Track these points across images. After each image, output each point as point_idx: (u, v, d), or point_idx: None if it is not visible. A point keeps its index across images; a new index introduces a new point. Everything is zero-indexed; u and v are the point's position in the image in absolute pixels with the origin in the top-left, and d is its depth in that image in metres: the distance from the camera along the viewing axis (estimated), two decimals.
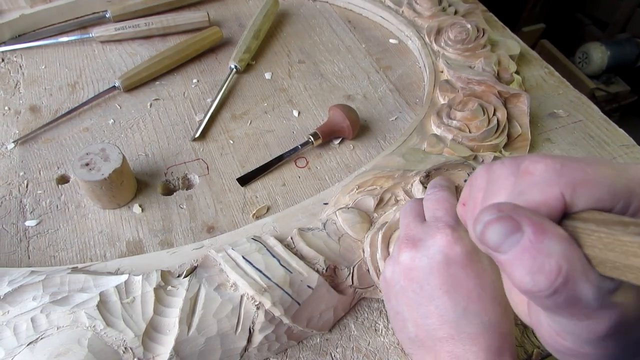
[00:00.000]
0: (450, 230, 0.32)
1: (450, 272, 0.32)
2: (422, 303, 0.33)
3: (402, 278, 0.34)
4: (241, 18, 0.78)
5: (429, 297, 0.32)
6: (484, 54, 0.64)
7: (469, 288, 0.32)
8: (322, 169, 0.57)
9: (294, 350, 0.43)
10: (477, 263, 0.32)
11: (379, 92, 0.66)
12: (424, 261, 0.33)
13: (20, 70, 0.68)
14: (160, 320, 0.38)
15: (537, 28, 1.86)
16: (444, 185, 0.38)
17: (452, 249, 0.32)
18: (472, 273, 0.32)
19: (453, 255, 0.32)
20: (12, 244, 0.49)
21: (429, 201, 0.36)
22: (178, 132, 0.60)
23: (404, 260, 0.34)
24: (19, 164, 0.56)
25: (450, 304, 0.32)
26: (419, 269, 0.33)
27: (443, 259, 0.32)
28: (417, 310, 0.33)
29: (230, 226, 0.51)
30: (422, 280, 0.33)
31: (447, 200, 0.35)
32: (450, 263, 0.32)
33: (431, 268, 0.32)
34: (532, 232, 0.20)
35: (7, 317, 0.37)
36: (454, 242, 0.32)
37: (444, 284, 0.32)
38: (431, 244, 0.33)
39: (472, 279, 0.32)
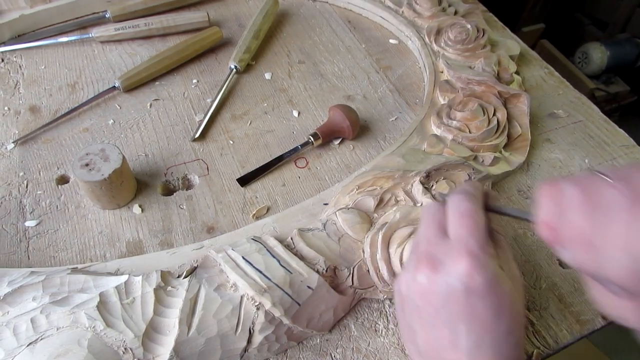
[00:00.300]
0: (472, 258, 0.31)
1: (468, 301, 0.31)
2: (436, 326, 0.32)
3: (417, 297, 0.33)
4: (241, 18, 0.78)
5: (443, 322, 0.32)
6: (483, 54, 0.64)
7: (485, 319, 0.31)
8: (322, 169, 0.57)
9: (294, 351, 0.43)
10: (497, 292, 0.31)
11: (379, 93, 0.66)
12: (442, 287, 0.31)
13: (20, 71, 0.68)
14: (160, 321, 0.38)
15: (536, 28, 1.86)
16: (470, 192, 0.35)
17: (473, 279, 0.31)
18: (490, 304, 0.31)
19: (473, 286, 0.31)
20: (12, 244, 0.49)
21: (453, 212, 0.35)
22: (178, 133, 0.60)
23: (422, 281, 0.33)
24: (18, 164, 0.56)
25: (464, 332, 0.31)
26: (437, 294, 0.32)
27: (463, 288, 0.31)
28: (429, 331, 0.33)
29: (230, 226, 0.51)
30: (439, 306, 0.32)
31: (472, 217, 0.33)
32: (469, 293, 0.31)
33: (449, 295, 0.31)
34: None
35: (7, 318, 0.37)
36: (475, 271, 0.31)
37: (461, 312, 0.31)
38: (452, 270, 0.31)
39: (490, 310, 0.31)
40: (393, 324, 0.44)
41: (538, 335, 0.44)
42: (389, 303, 0.45)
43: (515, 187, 0.55)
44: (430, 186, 0.48)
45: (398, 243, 0.43)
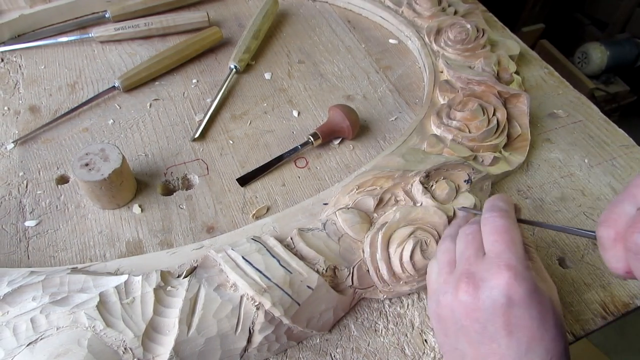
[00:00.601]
0: (512, 271, 0.32)
1: (513, 313, 0.32)
2: (484, 342, 0.33)
3: (463, 317, 0.34)
4: (241, 18, 0.78)
5: (491, 337, 0.32)
6: (483, 54, 0.64)
7: (532, 328, 0.31)
8: (321, 169, 0.57)
9: (293, 351, 0.43)
10: (540, 301, 0.32)
11: (379, 92, 0.66)
12: (487, 303, 0.32)
13: (19, 71, 0.68)
14: (160, 321, 0.38)
15: (536, 28, 1.86)
16: (503, 208, 0.36)
17: (515, 290, 0.31)
18: (535, 313, 0.31)
19: (516, 297, 0.31)
20: (12, 244, 0.49)
21: (488, 229, 0.35)
22: (178, 133, 0.60)
23: (465, 300, 0.33)
24: (18, 164, 0.56)
25: (513, 344, 0.32)
26: (482, 310, 0.32)
27: (506, 301, 0.32)
28: (478, 349, 0.33)
29: (230, 226, 0.51)
30: (485, 321, 0.32)
31: (507, 232, 0.34)
32: (513, 304, 0.32)
33: (494, 310, 0.32)
34: None
35: (7, 318, 0.37)
36: (517, 283, 0.31)
37: (507, 325, 0.32)
38: (494, 285, 0.32)
39: (535, 319, 0.31)
40: (393, 324, 0.44)
41: None
42: (388, 303, 0.45)
43: (515, 187, 0.55)
44: (430, 186, 0.48)
45: (398, 243, 0.43)
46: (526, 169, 0.57)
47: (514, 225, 0.35)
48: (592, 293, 0.46)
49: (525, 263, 0.33)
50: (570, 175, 0.56)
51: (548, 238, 0.50)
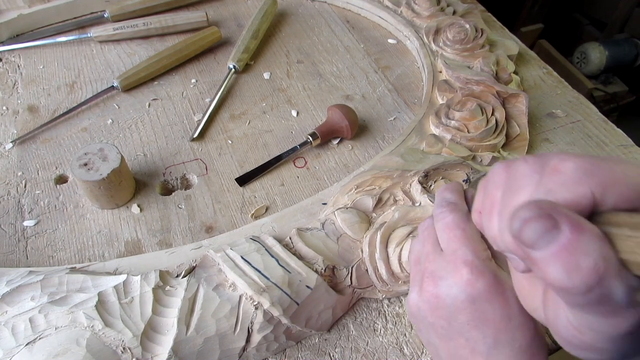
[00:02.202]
0: (469, 268, 0.32)
1: (475, 307, 0.32)
2: (452, 337, 0.33)
3: (428, 315, 0.34)
4: (240, 18, 0.78)
5: (457, 332, 0.33)
6: (482, 54, 0.64)
7: (496, 320, 0.31)
8: (320, 169, 0.57)
9: (292, 351, 0.43)
10: (501, 292, 0.32)
11: (378, 92, 0.66)
12: (448, 301, 0.32)
13: (18, 70, 0.68)
14: (158, 321, 0.38)
15: (535, 28, 1.87)
16: (451, 201, 0.36)
17: (474, 286, 0.32)
18: (497, 305, 0.31)
19: (476, 293, 0.32)
20: (10, 244, 0.49)
21: (440, 227, 0.35)
22: (177, 132, 0.60)
23: (428, 299, 0.34)
24: (17, 164, 0.56)
25: (479, 337, 0.32)
26: (445, 308, 0.33)
27: (467, 297, 0.32)
28: (447, 343, 0.34)
29: (229, 226, 0.51)
30: (449, 318, 0.33)
31: (458, 227, 0.34)
32: (474, 300, 0.32)
33: (456, 307, 0.32)
34: (570, 230, 0.20)
35: (6, 318, 0.37)
36: (475, 279, 0.32)
37: (471, 320, 0.32)
38: (453, 284, 0.32)
39: (498, 310, 0.31)
40: (392, 324, 0.44)
41: None
42: (387, 302, 0.45)
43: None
44: (429, 186, 0.48)
45: (397, 242, 0.43)
46: None
47: (464, 218, 0.34)
48: None
49: (483, 255, 0.33)
50: None
51: None
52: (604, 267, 0.20)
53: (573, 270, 0.20)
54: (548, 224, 0.21)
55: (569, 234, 0.20)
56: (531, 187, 0.24)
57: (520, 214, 0.22)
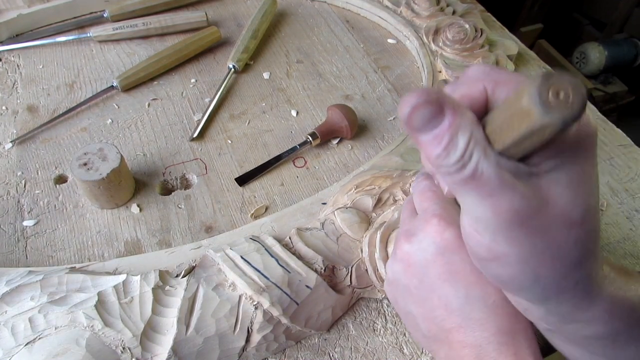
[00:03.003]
0: (437, 219, 0.32)
1: (445, 260, 0.31)
2: (426, 297, 0.33)
3: (402, 276, 0.34)
4: (239, 18, 0.78)
5: (430, 289, 0.32)
6: (482, 54, 0.64)
7: (466, 272, 0.31)
8: (320, 169, 0.57)
9: (292, 350, 0.43)
10: None
11: (377, 92, 0.66)
12: (419, 255, 0.32)
13: (17, 70, 0.68)
14: (158, 320, 0.38)
15: (535, 28, 1.87)
16: (426, 172, 0.37)
17: (442, 236, 0.31)
18: (466, 256, 0.30)
19: (444, 243, 0.31)
20: (10, 243, 0.49)
21: (415, 194, 0.36)
22: (176, 132, 0.60)
23: (402, 257, 0.34)
24: (16, 163, 0.56)
25: (451, 292, 0.31)
26: (416, 264, 0.33)
27: (436, 249, 0.32)
28: (422, 306, 0.33)
29: (228, 226, 0.51)
30: (421, 274, 0.33)
31: (429, 189, 0.35)
32: (443, 251, 0.31)
33: (426, 260, 0.32)
34: (451, 115, 0.23)
35: (5, 317, 0.37)
36: (442, 229, 0.31)
37: (442, 273, 0.31)
38: (423, 237, 0.32)
39: (467, 262, 0.31)
40: (391, 324, 0.44)
41: None
42: (387, 302, 0.46)
43: None
44: None
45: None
46: None
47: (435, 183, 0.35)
48: None
49: (453, 209, 0.33)
50: None
51: None
52: (473, 144, 0.22)
53: (450, 149, 0.23)
54: (433, 111, 0.23)
55: (450, 118, 0.23)
56: None
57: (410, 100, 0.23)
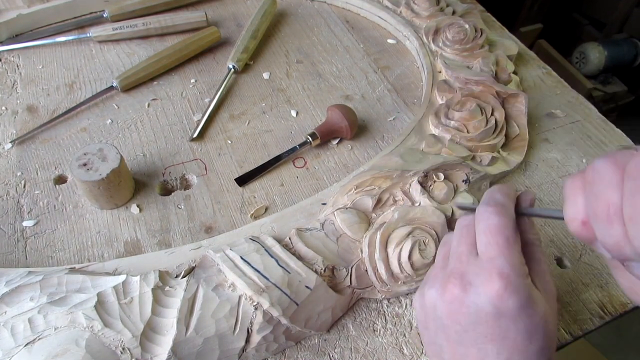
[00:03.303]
0: (503, 280, 0.29)
1: (499, 323, 0.30)
2: (464, 344, 0.32)
3: (445, 316, 0.32)
4: (239, 18, 0.78)
5: (472, 341, 0.31)
6: (482, 54, 0.64)
7: (516, 341, 0.30)
8: (320, 169, 0.57)
9: (292, 351, 0.43)
10: (529, 315, 0.30)
11: (377, 92, 0.66)
12: (471, 308, 0.30)
13: (17, 70, 0.68)
14: (158, 321, 0.38)
15: (534, 28, 1.87)
16: (500, 202, 0.33)
17: (504, 302, 0.29)
18: (522, 326, 0.30)
19: (504, 309, 0.29)
20: (10, 244, 0.49)
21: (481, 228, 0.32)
22: (176, 132, 0.60)
23: (450, 300, 0.32)
24: (16, 164, 0.56)
25: (493, 352, 0.30)
26: (466, 315, 0.31)
27: (493, 310, 0.30)
28: (456, 348, 0.32)
29: (228, 226, 0.51)
30: (467, 325, 0.31)
31: (500, 233, 0.31)
32: (500, 316, 0.30)
33: (479, 317, 0.30)
34: None
35: (5, 318, 0.37)
36: (507, 295, 0.29)
37: (490, 333, 0.30)
38: (482, 292, 0.30)
39: (521, 332, 0.30)
40: (391, 324, 0.44)
41: None
42: (387, 303, 0.46)
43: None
44: (429, 186, 0.48)
45: (396, 243, 0.43)
46: (524, 169, 0.57)
47: (510, 224, 0.32)
48: (590, 293, 0.47)
49: (521, 271, 0.30)
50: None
51: (546, 238, 0.50)
52: None
53: None
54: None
55: None
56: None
57: None
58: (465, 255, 0.33)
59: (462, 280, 0.31)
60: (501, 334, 0.30)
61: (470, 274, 0.31)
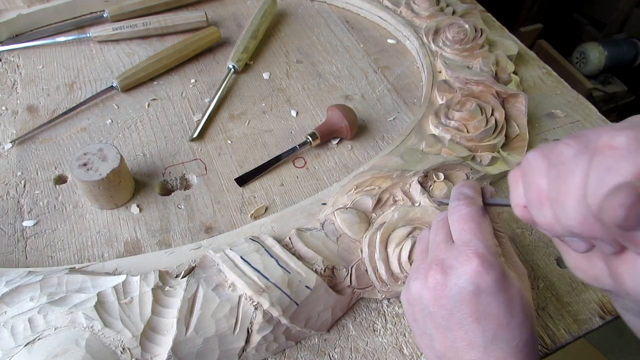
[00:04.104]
0: (480, 259, 0.32)
1: (480, 301, 0.32)
2: (451, 328, 0.33)
3: (431, 304, 0.34)
4: (239, 18, 0.78)
5: (458, 323, 0.33)
6: (482, 54, 0.64)
7: (499, 316, 0.32)
8: (320, 169, 0.57)
9: (292, 351, 0.43)
10: (507, 288, 0.32)
11: (377, 92, 0.66)
12: (454, 290, 0.33)
13: (17, 70, 0.68)
14: (158, 321, 0.38)
15: (534, 28, 1.87)
16: (468, 195, 0.36)
17: (482, 279, 0.32)
18: (502, 300, 0.32)
19: (484, 285, 0.32)
20: (10, 244, 0.49)
21: (454, 218, 0.35)
22: (176, 132, 0.60)
23: (433, 287, 0.34)
24: (16, 164, 0.56)
25: (479, 331, 0.32)
26: (449, 297, 0.33)
27: (474, 289, 0.32)
28: (445, 334, 0.34)
29: (228, 226, 0.51)
30: (452, 308, 0.33)
31: (472, 219, 0.34)
32: (480, 292, 0.32)
33: (462, 297, 0.32)
34: None
35: (5, 318, 0.37)
36: (484, 271, 0.32)
37: (474, 312, 0.32)
38: (461, 273, 0.32)
39: (502, 306, 0.32)
40: (391, 324, 0.44)
41: None
42: (387, 303, 0.46)
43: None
44: (429, 186, 0.48)
45: (396, 243, 0.43)
46: None
47: (480, 212, 0.35)
48: (590, 293, 0.47)
49: (494, 250, 0.33)
50: None
51: (546, 238, 0.50)
52: None
53: None
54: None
55: None
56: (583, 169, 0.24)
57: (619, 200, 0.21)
58: (443, 243, 0.35)
59: (443, 266, 0.34)
60: (484, 310, 0.32)
61: (449, 259, 0.34)
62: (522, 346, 0.32)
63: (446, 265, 0.33)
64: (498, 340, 0.32)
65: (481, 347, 0.32)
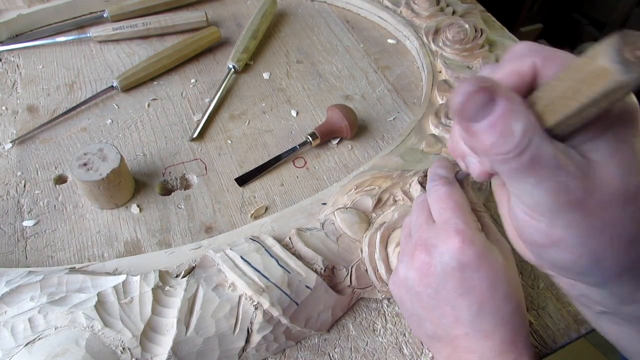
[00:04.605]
0: (460, 235, 0.33)
1: (464, 276, 0.33)
2: (438, 306, 0.34)
3: (416, 284, 0.35)
4: (239, 18, 0.78)
5: (444, 300, 0.34)
6: (482, 54, 0.64)
7: (482, 289, 0.33)
8: (320, 169, 0.57)
9: (292, 351, 0.43)
10: (489, 262, 0.33)
11: (377, 92, 0.66)
12: (438, 268, 0.33)
13: (17, 70, 0.68)
14: (158, 321, 0.38)
15: (534, 28, 1.87)
16: (443, 175, 0.38)
17: (464, 254, 0.33)
18: (485, 274, 0.33)
19: (466, 260, 0.33)
20: (10, 244, 0.49)
21: (433, 199, 0.37)
22: (176, 132, 0.60)
23: (419, 267, 0.34)
24: (16, 164, 0.56)
25: (465, 306, 0.33)
26: (434, 275, 0.34)
27: (457, 264, 0.33)
28: (433, 312, 0.35)
29: (228, 226, 0.51)
30: (438, 286, 0.34)
31: (450, 198, 0.35)
32: (463, 268, 0.33)
33: (445, 274, 0.33)
34: (504, 101, 0.23)
35: (5, 318, 0.37)
36: (466, 247, 0.33)
37: (458, 287, 0.33)
38: (444, 251, 0.33)
39: (485, 280, 0.33)
40: (391, 324, 0.44)
41: (536, 335, 0.44)
42: (387, 303, 0.46)
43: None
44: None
45: (396, 243, 0.43)
46: None
47: (456, 190, 0.36)
48: None
49: (473, 225, 0.34)
50: None
51: None
52: (531, 130, 0.22)
53: (507, 135, 0.23)
54: (486, 98, 0.23)
55: (503, 104, 0.23)
56: None
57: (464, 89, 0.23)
58: (425, 224, 0.36)
59: (426, 246, 0.34)
60: (468, 285, 0.33)
61: (432, 239, 0.34)
62: (507, 318, 0.33)
63: (429, 245, 0.34)
64: (483, 314, 0.33)
65: (468, 322, 0.33)
